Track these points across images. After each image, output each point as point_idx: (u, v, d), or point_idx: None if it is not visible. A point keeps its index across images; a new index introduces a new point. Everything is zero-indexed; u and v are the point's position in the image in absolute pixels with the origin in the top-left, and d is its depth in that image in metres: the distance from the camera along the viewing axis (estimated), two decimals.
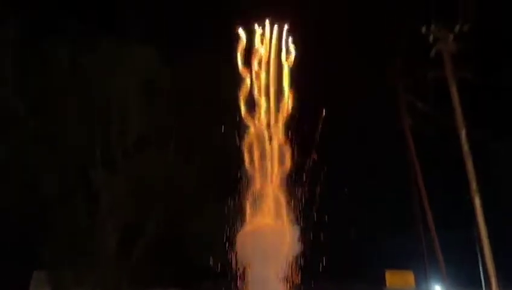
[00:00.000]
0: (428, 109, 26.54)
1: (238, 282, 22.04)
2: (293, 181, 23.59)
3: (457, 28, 25.06)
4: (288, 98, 23.63)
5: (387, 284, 31.33)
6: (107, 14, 28.17)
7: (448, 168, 26.17)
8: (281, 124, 24.09)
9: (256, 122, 23.52)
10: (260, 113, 23.75)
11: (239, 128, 23.46)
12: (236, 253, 22.81)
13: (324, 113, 22.88)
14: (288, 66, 23.16)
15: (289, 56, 23.10)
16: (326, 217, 24.14)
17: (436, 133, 25.84)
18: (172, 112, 27.60)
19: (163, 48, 27.46)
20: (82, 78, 26.99)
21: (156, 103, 27.75)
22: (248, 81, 23.06)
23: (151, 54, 27.48)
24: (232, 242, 22.79)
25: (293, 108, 23.53)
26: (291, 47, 23.02)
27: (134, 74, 27.35)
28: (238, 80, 23.09)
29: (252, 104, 23.38)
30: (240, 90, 23.12)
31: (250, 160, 23.56)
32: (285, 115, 23.85)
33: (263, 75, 23.17)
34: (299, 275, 22.16)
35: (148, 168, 26.83)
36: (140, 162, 27.07)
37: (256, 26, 22.98)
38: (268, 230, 23.51)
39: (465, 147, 25.22)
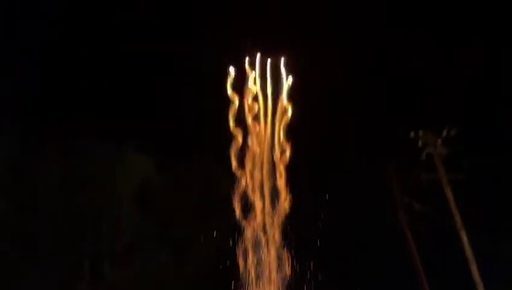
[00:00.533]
0: (426, 208, 26.37)
1: None
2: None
3: (444, 132, 25.82)
4: (285, 199, 23.32)
5: None
6: (102, 120, 28.48)
7: (452, 267, 25.27)
8: (277, 226, 23.57)
9: (252, 222, 22.99)
10: (256, 214, 23.29)
11: (234, 232, 22.81)
12: None
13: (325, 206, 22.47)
14: (284, 163, 23.19)
15: (284, 153, 23.20)
16: None
17: (437, 232, 25.47)
18: (165, 216, 26.93)
19: (157, 151, 27.60)
20: (73, 186, 26.63)
21: (149, 207, 27.13)
22: (243, 181, 22.98)
23: (145, 159, 27.53)
24: None
25: (289, 208, 23.28)
26: (286, 144, 23.21)
27: (127, 180, 27.10)
28: (232, 180, 23.01)
29: (247, 205, 23.02)
30: (234, 191, 22.91)
31: (245, 265, 22.67)
32: (281, 215, 23.43)
33: (258, 174, 23.13)
34: None
35: (137, 276, 25.59)
36: (129, 270, 25.84)
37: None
38: None
39: (468, 251, 24.61)
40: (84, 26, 33.18)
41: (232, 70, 23.14)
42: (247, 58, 23.12)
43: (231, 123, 23.10)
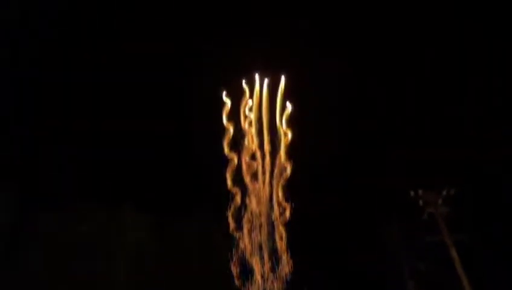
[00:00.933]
0: (432, 269, 25.30)
1: None
2: None
3: (444, 192, 25.29)
4: (287, 262, 22.00)
5: None
6: (99, 182, 27.58)
7: None
8: None
9: (251, 289, 21.50)
10: (255, 280, 21.82)
11: None
12: None
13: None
14: (283, 224, 22.07)
15: (283, 213, 22.12)
16: None
17: None
18: (160, 283, 25.17)
19: (154, 214, 26.26)
20: (70, 248, 25.05)
21: (144, 273, 25.41)
22: (241, 243, 21.72)
23: (141, 223, 26.09)
24: None
25: (291, 272, 21.93)
26: (285, 203, 22.17)
27: (123, 244, 25.54)
28: (230, 242, 21.76)
29: (245, 269, 21.64)
30: (232, 254, 21.62)
31: None
32: (283, 280, 22.01)
33: (256, 235, 21.89)
34: None
35: None
36: None
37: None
38: None
39: None
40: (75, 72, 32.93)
41: (230, 127, 22.50)
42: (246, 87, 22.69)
43: (229, 182, 22.28)
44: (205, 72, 31.48)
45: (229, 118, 22.53)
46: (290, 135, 22.83)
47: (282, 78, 23.47)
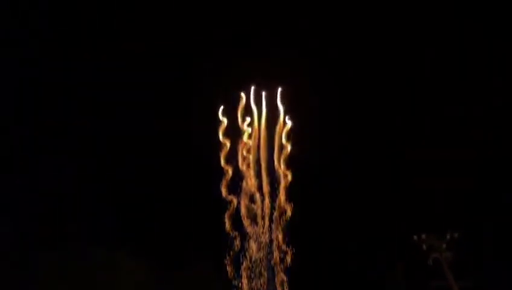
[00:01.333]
0: None
1: None
2: None
3: (448, 236, 25.00)
4: None
5: None
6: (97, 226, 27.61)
7: None
8: None
9: None
10: None
11: None
12: None
13: None
14: (283, 269, 21.83)
15: (285, 258, 21.85)
16: None
17: None
18: None
19: (151, 260, 25.92)
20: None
21: None
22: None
23: (139, 267, 25.86)
24: None
25: None
26: (286, 247, 21.88)
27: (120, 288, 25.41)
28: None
29: None
30: None
31: None
32: None
33: (256, 282, 21.67)
34: None
35: None
36: None
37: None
38: None
39: None
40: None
41: (228, 169, 22.05)
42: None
43: (227, 226, 21.95)
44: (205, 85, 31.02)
45: (227, 160, 22.14)
46: (289, 176, 22.44)
47: (279, 92, 23.15)
